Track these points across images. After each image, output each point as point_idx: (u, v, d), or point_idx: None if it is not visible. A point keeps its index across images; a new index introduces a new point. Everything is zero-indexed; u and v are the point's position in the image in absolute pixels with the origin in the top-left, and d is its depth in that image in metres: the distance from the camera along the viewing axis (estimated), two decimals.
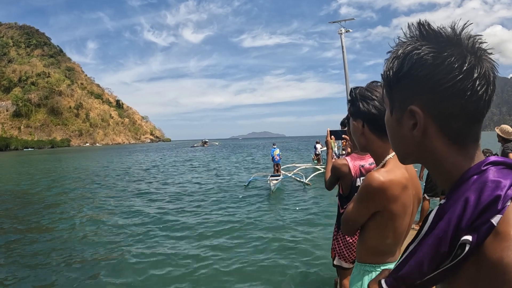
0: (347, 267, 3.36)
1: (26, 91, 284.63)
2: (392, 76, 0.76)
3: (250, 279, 5.92)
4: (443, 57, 0.68)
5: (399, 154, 0.84)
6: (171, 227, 9.51)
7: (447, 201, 0.69)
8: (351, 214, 1.66)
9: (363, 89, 1.69)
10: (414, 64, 0.71)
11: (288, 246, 7.50)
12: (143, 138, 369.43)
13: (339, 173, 3.16)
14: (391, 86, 0.78)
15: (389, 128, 0.84)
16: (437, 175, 0.78)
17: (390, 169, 1.56)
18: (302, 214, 10.42)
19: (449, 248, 0.64)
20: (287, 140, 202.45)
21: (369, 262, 1.69)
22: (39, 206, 13.37)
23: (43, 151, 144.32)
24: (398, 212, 1.56)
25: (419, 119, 0.72)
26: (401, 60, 0.74)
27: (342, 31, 20.98)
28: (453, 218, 0.64)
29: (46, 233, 9.17)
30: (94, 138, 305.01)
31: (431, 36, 0.72)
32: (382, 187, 1.51)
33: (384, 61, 0.81)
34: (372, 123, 1.62)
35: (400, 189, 1.54)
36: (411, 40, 0.74)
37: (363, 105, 1.63)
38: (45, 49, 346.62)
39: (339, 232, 3.34)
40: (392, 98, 0.79)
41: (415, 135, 0.74)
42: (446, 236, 0.64)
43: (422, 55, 0.70)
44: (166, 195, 15.34)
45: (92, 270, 6.51)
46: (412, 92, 0.73)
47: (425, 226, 0.71)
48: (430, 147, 0.74)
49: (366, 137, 1.66)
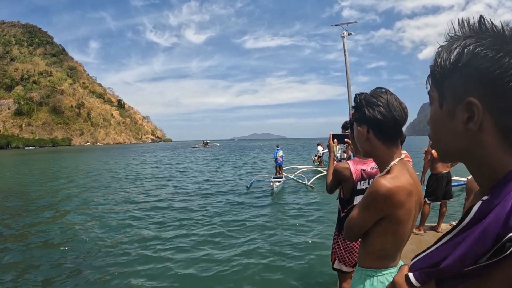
0: (347, 271, 3.35)
1: (28, 90, 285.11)
2: (448, 66, 0.74)
3: (249, 282, 5.93)
4: (506, 52, 0.67)
5: (443, 150, 0.82)
6: (171, 228, 9.52)
7: (492, 197, 0.69)
8: (355, 220, 1.66)
9: (368, 95, 1.69)
10: (474, 56, 0.70)
11: (289, 248, 7.50)
12: (144, 138, 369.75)
13: (340, 176, 3.17)
14: (444, 77, 0.76)
15: (436, 123, 0.81)
16: (478, 171, 0.77)
17: (396, 176, 1.57)
18: (304, 217, 10.43)
19: (493, 244, 0.63)
20: (289, 142, 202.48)
21: (371, 267, 1.70)
22: (34, 206, 13.40)
23: (44, 150, 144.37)
24: (403, 218, 1.57)
25: (477, 112, 0.70)
26: (459, 51, 0.72)
27: (345, 34, 20.96)
28: (502, 214, 0.63)
29: (34, 236, 9.19)
30: (95, 137, 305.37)
31: (491, 31, 0.71)
32: (389, 194, 1.52)
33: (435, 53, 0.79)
34: (378, 129, 1.63)
35: (406, 195, 1.56)
36: (470, 33, 0.73)
37: (369, 111, 1.64)
38: (47, 48, 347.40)
39: (339, 235, 3.33)
40: (444, 90, 0.77)
41: (469, 129, 0.72)
42: (493, 232, 0.63)
43: (484, 47, 0.69)
44: (166, 195, 15.36)
45: (87, 270, 6.52)
46: (470, 84, 0.71)
47: (467, 219, 0.70)
48: (482, 142, 0.72)
49: (371, 143, 1.67)
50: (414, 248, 5.55)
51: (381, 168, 1.69)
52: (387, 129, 1.62)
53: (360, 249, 1.78)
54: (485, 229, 0.64)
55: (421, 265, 0.78)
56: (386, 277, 1.66)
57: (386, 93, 1.66)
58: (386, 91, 1.68)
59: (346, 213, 3.21)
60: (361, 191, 3.13)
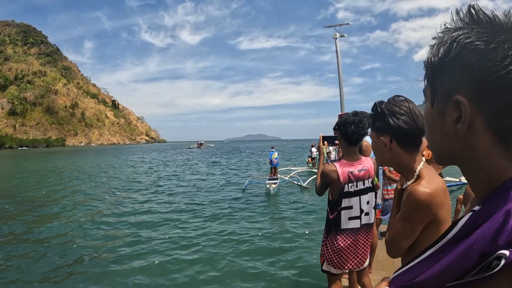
0: (336, 273, 3.33)
1: (22, 90, 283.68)
2: (437, 62, 0.69)
3: (242, 282, 5.93)
4: (497, 43, 0.61)
5: (437, 151, 0.77)
6: (165, 230, 9.47)
7: (483, 208, 0.62)
8: (402, 235, 1.59)
9: (389, 104, 1.64)
10: (463, 49, 0.64)
11: (283, 249, 7.51)
12: (138, 139, 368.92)
13: (327, 179, 3.15)
14: (434, 74, 0.71)
15: (428, 122, 0.77)
16: (473, 177, 0.70)
17: (430, 179, 1.55)
18: (299, 218, 10.44)
19: (479, 260, 0.57)
20: (283, 143, 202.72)
21: None
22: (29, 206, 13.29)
23: (37, 151, 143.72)
24: (445, 217, 1.55)
25: (465, 111, 0.64)
26: (448, 45, 0.67)
27: (337, 35, 20.98)
28: (491, 230, 0.57)
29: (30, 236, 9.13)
30: (89, 138, 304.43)
31: (483, 21, 0.65)
32: (430, 199, 1.50)
33: (429, 48, 0.73)
34: (402, 138, 1.59)
35: (444, 195, 1.55)
36: (461, 25, 0.68)
37: (393, 121, 1.58)
38: (41, 47, 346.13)
39: (328, 237, 3.30)
40: (435, 88, 0.72)
41: (458, 129, 0.66)
42: (479, 248, 0.57)
43: (473, 39, 0.63)
44: (160, 197, 15.33)
45: (82, 270, 6.50)
46: (459, 80, 0.66)
47: (452, 231, 0.65)
48: (474, 144, 0.66)
49: (393, 152, 1.63)
50: None
51: (406, 175, 1.64)
52: (412, 138, 1.59)
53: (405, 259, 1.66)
54: (470, 245, 0.59)
55: (401, 279, 0.73)
56: None
57: (407, 101, 1.62)
58: (406, 99, 1.64)
59: (335, 216, 3.19)
60: (349, 194, 3.11)
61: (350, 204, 3.14)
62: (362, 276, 3.53)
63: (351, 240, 3.19)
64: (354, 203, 3.14)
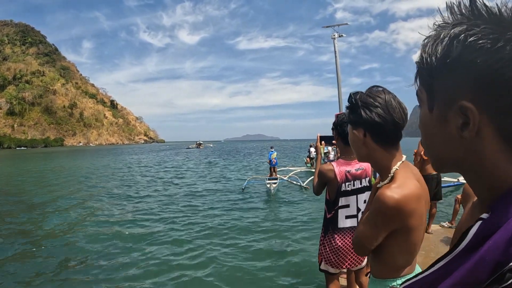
0: (334, 272, 3.33)
1: (20, 90, 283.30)
2: (435, 63, 0.62)
3: (239, 282, 5.94)
4: (506, 40, 0.54)
5: (437, 159, 0.71)
6: (163, 231, 9.46)
7: (493, 216, 0.57)
8: (366, 237, 1.53)
9: (364, 94, 1.54)
10: (467, 48, 0.57)
11: (281, 249, 7.52)
12: (137, 139, 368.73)
13: (325, 178, 3.16)
14: (432, 76, 0.64)
15: (426, 128, 0.70)
16: (477, 182, 0.65)
17: (402, 183, 1.44)
18: (298, 217, 10.44)
19: (492, 272, 0.52)
20: (282, 143, 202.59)
21: (388, 277, 1.59)
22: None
23: (36, 151, 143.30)
24: (415, 225, 1.45)
25: (473, 118, 0.58)
26: (448, 43, 0.59)
27: (335, 36, 20.96)
28: (503, 240, 0.53)
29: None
30: (88, 138, 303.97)
31: (484, 15, 0.57)
32: (397, 206, 1.39)
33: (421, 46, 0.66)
34: (375, 132, 1.49)
35: (415, 202, 1.43)
36: (461, 19, 0.60)
37: (365, 113, 1.49)
38: (40, 47, 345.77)
39: (325, 236, 3.29)
40: (433, 91, 0.65)
41: (464, 137, 0.60)
42: (492, 259, 0.53)
43: (478, 36, 0.56)
44: (158, 198, 15.30)
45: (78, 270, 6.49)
46: (463, 83, 0.59)
47: (463, 242, 0.59)
48: (480, 150, 0.60)
49: (368, 147, 1.53)
50: None
51: (382, 174, 1.57)
52: (386, 133, 1.48)
53: (372, 261, 1.65)
54: (482, 257, 0.54)
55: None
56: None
57: (384, 92, 1.52)
58: (383, 90, 1.54)
59: (333, 215, 3.19)
60: (346, 193, 3.11)
61: (347, 203, 3.14)
62: (360, 276, 3.53)
63: (349, 239, 3.18)
64: (351, 202, 3.14)
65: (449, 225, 7.14)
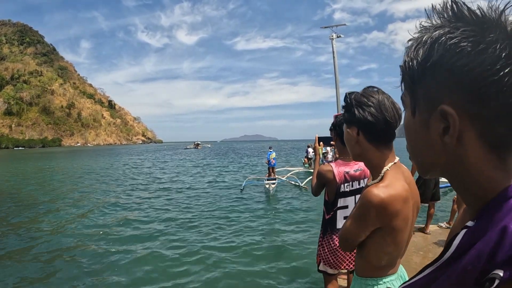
0: (332, 273, 3.33)
1: (18, 89, 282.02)
2: (416, 67, 0.61)
3: (237, 282, 5.93)
4: (487, 43, 0.53)
5: (421, 165, 0.70)
6: (161, 231, 9.43)
7: (478, 224, 0.57)
8: (349, 232, 1.57)
9: (358, 94, 1.58)
10: (447, 52, 0.56)
11: (280, 250, 7.49)
12: (134, 139, 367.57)
13: (323, 179, 3.16)
14: (414, 80, 0.63)
15: (410, 133, 0.69)
16: (464, 190, 0.64)
17: (390, 183, 1.47)
18: (297, 218, 10.44)
19: (475, 282, 0.52)
20: (279, 143, 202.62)
21: (370, 276, 1.61)
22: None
23: (34, 151, 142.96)
24: (399, 226, 1.47)
25: (453, 123, 0.57)
26: (429, 46, 0.59)
27: (334, 36, 20.99)
28: (486, 249, 0.52)
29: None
30: (86, 138, 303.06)
31: (467, 17, 0.56)
32: (382, 205, 1.41)
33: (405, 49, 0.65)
34: (368, 131, 1.53)
35: (401, 204, 1.45)
36: (441, 22, 0.59)
37: (358, 112, 1.53)
38: (38, 47, 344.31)
39: (324, 237, 3.30)
40: (415, 96, 0.64)
41: (446, 142, 0.59)
42: (475, 269, 0.53)
43: (458, 39, 0.55)
44: (156, 198, 15.26)
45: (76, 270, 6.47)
46: (444, 87, 0.58)
47: (449, 251, 0.59)
48: (464, 156, 0.59)
49: (361, 146, 1.57)
50: None
51: (373, 173, 1.59)
52: (378, 132, 1.52)
53: (356, 259, 1.69)
54: (464, 267, 0.54)
55: None
56: (387, 285, 1.59)
57: (378, 93, 1.56)
58: (378, 91, 1.58)
59: (331, 216, 3.20)
60: (344, 194, 3.12)
61: (345, 204, 3.14)
62: None
63: None
64: (350, 203, 3.14)
65: (447, 225, 7.16)
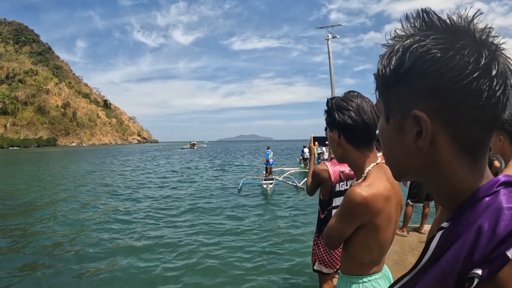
0: (327, 272, 3.34)
1: (13, 89, 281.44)
2: (389, 74, 0.63)
3: (233, 282, 5.93)
4: (456, 49, 0.56)
5: (396, 169, 0.71)
6: (159, 231, 9.45)
7: (453, 226, 0.58)
8: (334, 229, 1.62)
9: (339, 99, 1.66)
10: (418, 59, 0.58)
11: (275, 250, 7.51)
12: (130, 139, 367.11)
13: (319, 178, 3.17)
14: (387, 87, 0.65)
15: (384, 139, 0.71)
16: (439, 193, 0.66)
17: (372, 182, 1.53)
18: (293, 218, 10.45)
19: (455, 283, 0.53)
20: (275, 143, 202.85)
21: (355, 274, 1.66)
22: None
23: (28, 151, 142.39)
24: (382, 224, 1.53)
25: (425, 126, 0.59)
26: (400, 54, 0.61)
27: (329, 37, 21.02)
28: (463, 249, 0.54)
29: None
30: (81, 138, 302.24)
31: (437, 25, 0.59)
32: (365, 203, 1.48)
33: (379, 58, 0.67)
34: (348, 134, 1.60)
35: (383, 202, 1.51)
36: (413, 31, 0.62)
37: (338, 116, 1.60)
38: (33, 46, 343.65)
39: (319, 237, 3.32)
40: (389, 102, 0.66)
41: (420, 146, 0.61)
42: (453, 270, 0.54)
43: (429, 47, 0.57)
44: (155, 198, 15.23)
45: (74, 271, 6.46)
46: (416, 93, 0.60)
47: (426, 255, 0.61)
48: (438, 159, 0.61)
49: (342, 148, 1.64)
50: (397, 249, 5.60)
51: (356, 174, 1.65)
52: (358, 134, 1.59)
53: (342, 257, 1.73)
54: (442, 269, 0.56)
55: None
56: (372, 283, 1.63)
57: (357, 97, 1.63)
58: (357, 95, 1.65)
59: (326, 215, 3.22)
60: (339, 193, 3.12)
61: (340, 203, 3.17)
62: None
63: None
64: None
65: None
